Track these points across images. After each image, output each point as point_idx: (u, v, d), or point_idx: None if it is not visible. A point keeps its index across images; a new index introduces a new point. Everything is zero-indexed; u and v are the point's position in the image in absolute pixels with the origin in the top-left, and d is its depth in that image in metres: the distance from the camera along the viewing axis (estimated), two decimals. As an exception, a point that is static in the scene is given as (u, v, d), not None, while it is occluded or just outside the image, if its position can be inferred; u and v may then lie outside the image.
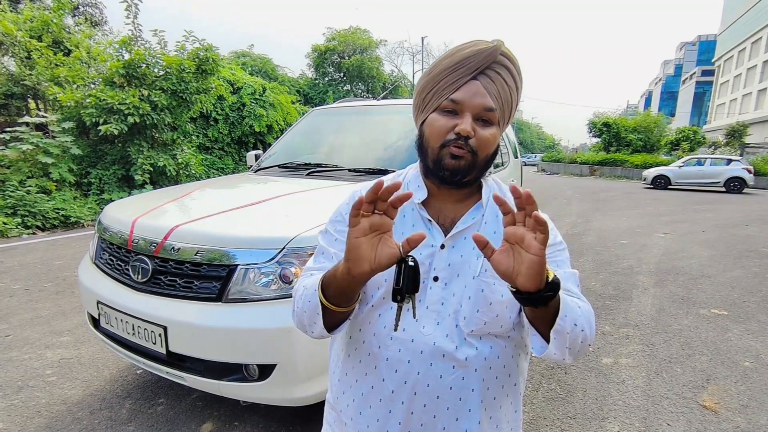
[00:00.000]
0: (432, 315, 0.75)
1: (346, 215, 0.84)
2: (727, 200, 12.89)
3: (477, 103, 0.73)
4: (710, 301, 3.93)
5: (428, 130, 0.77)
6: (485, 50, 0.72)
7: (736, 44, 43.39)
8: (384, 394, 0.78)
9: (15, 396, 2.28)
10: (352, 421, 0.83)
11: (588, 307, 0.76)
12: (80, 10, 15.15)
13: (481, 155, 0.75)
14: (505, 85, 0.75)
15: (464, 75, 0.73)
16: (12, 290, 3.93)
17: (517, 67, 0.76)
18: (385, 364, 0.77)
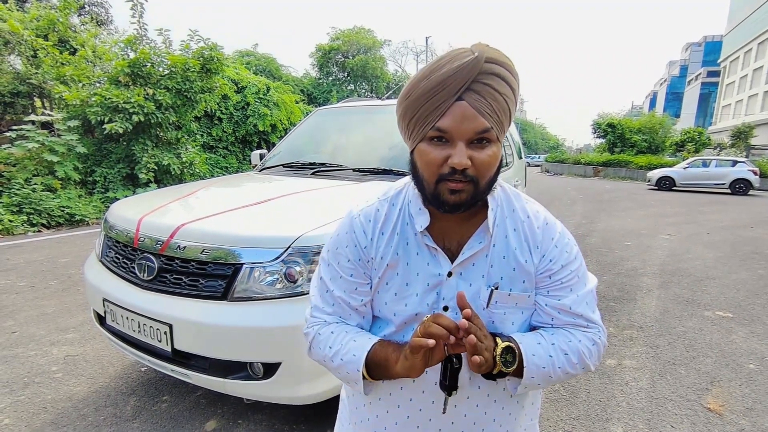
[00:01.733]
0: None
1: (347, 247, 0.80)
2: (733, 202, 12.81)
3: (467, 129, 0.64)
4: (715, 303, 3.91)
5: (420, 163, 0.70)
6: (465, 65, 0.62)
7: (742, 45, 43.11)
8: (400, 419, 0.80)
9: (21, 392, 2.30)
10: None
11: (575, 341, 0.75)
12: (86, 10, 15.23)
13: (483, 181, 0.68)
14: (497, 94, 0.65)
15: (447, 98, 0.64)
16: (18, 287, 3.96)
17: (507, 67, 0.66)
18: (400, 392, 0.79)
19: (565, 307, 0.75)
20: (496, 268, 0.74)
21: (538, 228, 0.76)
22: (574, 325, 0.76)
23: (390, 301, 0.77)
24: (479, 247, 0.74)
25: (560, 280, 0.75)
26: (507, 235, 0.75)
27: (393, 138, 2.98)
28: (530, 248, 0.75)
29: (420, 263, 0.75)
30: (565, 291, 0.75)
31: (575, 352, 0.74)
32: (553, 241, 0.76)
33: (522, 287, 0.75)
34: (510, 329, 0.75)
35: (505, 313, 0.74)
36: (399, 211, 0.78)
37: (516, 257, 0.74)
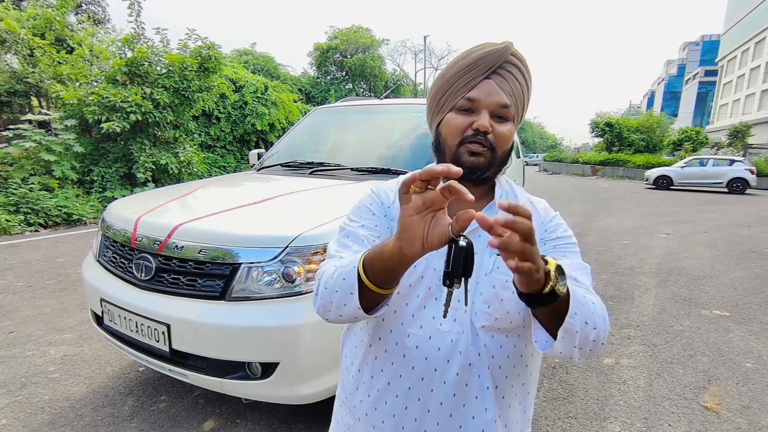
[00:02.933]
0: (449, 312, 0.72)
1: (371, 205, 0.85)
2: (730, 201, 12.86)
3: (492, 101, 0.75)
4: (712, 301, 3.93)
5: (445, 130, 0.79)
6: (496, 51, 0.75)
7: (739, 44, 43.23)
8: (401, 390, 0.78)
9: (19, 392, 2.30)
10: (367, 417, 0.82)
11: (600, 303, 0.73)
12: (83, 8, 15.17)
13: (499, 151, 0.78)
14: (517, 83, 0.77)
15: (478, 75, 0.76)
16: (15, 287, 3.95)
17: (526, 66, 0.79)
18: (402, 360, 0.78)
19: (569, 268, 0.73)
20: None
21: (540, 209, 0.85)
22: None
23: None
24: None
25: (554, 246, 0.79)
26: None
27: (391, 137, 2.98)
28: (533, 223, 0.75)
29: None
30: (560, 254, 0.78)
31: (600, 308, 0.70)
32: (549, 217, 0.84)
33: None
34: (510, 298, 0.74)
35: (507, 280, 0.75)
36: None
37: None
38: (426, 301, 0.78)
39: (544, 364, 2.73)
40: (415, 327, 0.77)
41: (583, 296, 0.67)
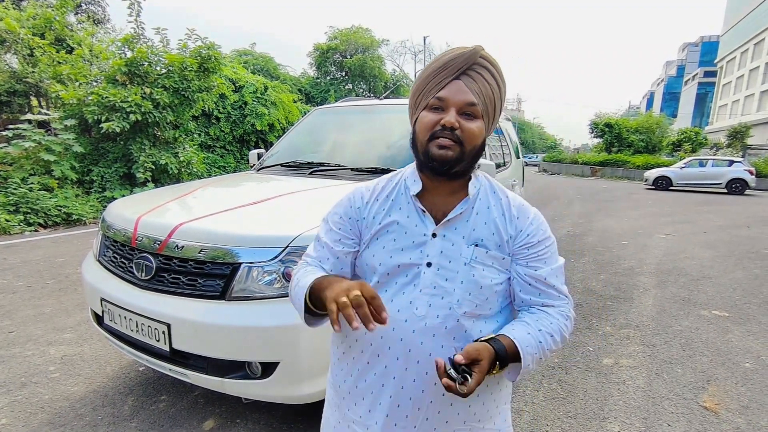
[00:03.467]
0: (424, 298, 0.83)
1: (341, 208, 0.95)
2: (729, 201, 12.87)
3: (460, 99, 0.81)
4: (711, 302, 3.94)
5: (419, 127, 0.85)
6: (465, 53, 0.81)
7: (738, 45, 43.27)
8: (378, 369, 0.86)
9: (18, 392, 2.30)
10: (350, 395, 0.91)
11: (555, 321, 0.86)
12: (83, 8, 15.16)
13: (467, 146, 0.82)
14: (486, 83, 0.82)
15: (448, 76, 0.81)
16: (15, 287, 3.95)
17: (497, 68, 0.84)
18: (380, 342, 0.85)
19: (541, 278, 0.87)
20: (478, 232, 0.86)
21: (515, 207, 0.90)
22: (549, 295, 0.88)
23: (378, 253, 0.88)
24: (460, 212, 0.86)
25: (536, 253, 0.87)
26: (489, 207, 0.88)
27: (391, 137, 2.98)
28: (508, 220, 0.88)
29: (409, 224, 0.87)
30: (540, 263, 0.87)
31: (557, 331, 0.85)
32: (528, 219, 0.89)
33: (499, 249, 0.86)
34: (489, 285, 0.85)
35: (484, 269, 0.84)
36: (395, 183, 0.93)
37: (496, 224, 0.87)
38: (404, 287, 0.85)
39: (543, 364, 2.73)
40: (392, 311, 0.83)
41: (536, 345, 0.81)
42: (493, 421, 0.92)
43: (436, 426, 0.86)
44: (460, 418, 0.87)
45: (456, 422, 0.87)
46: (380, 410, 0.87)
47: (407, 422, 0.86)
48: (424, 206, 0.87)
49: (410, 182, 0.89)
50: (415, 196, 0.88)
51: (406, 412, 0.85)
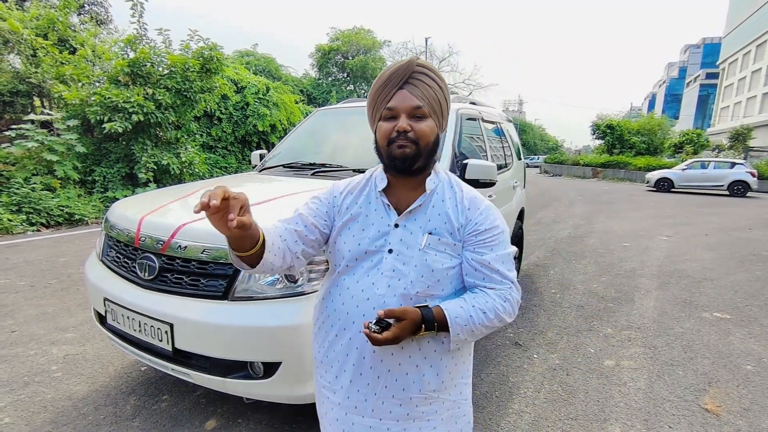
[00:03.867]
0: (385, 279, 0.95)
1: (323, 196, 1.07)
2: (731, 203, 12.85)
3: (407, 105, 0.93)
4: (713, 304, 3.93)
5: (378, 135, 0.98)
6: (403, 66, 0.94)
7: (741, 47, 43.20)
8: (344, 341, 0.98)
9: (21, 391, 2.31)
10: (322, 363, 1.05)
11: (491, 300, 0.95)
12: (86, 9, 15.20)
13: (422, 144, 0.94)
14: (427, 86, 0.94)
15: (393, 87, 0.94)
16: (17, 287, 3.96)
17: (433, 71, 0.97)
18: (346, 317, 0.97)
19: (485, 262, 0.96)
20: (432, 222, 0.98)
21: (467, 199, 1.01)
22: (492, 279, 0.97)
23: (348, 240, 1.00)
24: (419, 204, 0.98)
25: (483, 240, 0.97)
26: (444, 200, 1.00)
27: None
28: (460, 211, 1.00)
29: (376, 216, 1.00)
30: (487, 249, 0.97)
31: (491, 309, 0.94)
32: (479, 210, 1.00)
33: (451, 237, 0.98)
34: (441, 269, 0.96)
35: (436, 255, 0.96)
36: (367, 180, 1.06)
37: (449, 215, 0.98)
38: (369, 271, 0.97)
39: (544, 366, 2.73)
40: (357, 290, 0.97)
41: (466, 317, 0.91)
42: (449, 393, 1.01)
43: (394, 393, 0.96)
44: (415, 386, 0.96)
45: (412, 390, 0.96)
46: (345, 377, 0.98)
47: (368, 389, 0.96)
48: (390, 201, 1.00)
49: (378, 180, 1.02)
50: (382, 191, 1.01)
51: (367, 380, 0.96)
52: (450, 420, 1.02)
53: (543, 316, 3.58)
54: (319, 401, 1.08)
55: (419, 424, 0.98)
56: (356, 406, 0.97)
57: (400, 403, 0.96)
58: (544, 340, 3.12)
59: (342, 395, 0.99)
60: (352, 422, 0.98)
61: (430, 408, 0.98)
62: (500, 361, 2.78)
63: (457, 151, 2.67)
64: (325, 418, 1.04)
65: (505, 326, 3.33)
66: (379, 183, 1.01)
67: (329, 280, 1.05)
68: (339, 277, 1.00)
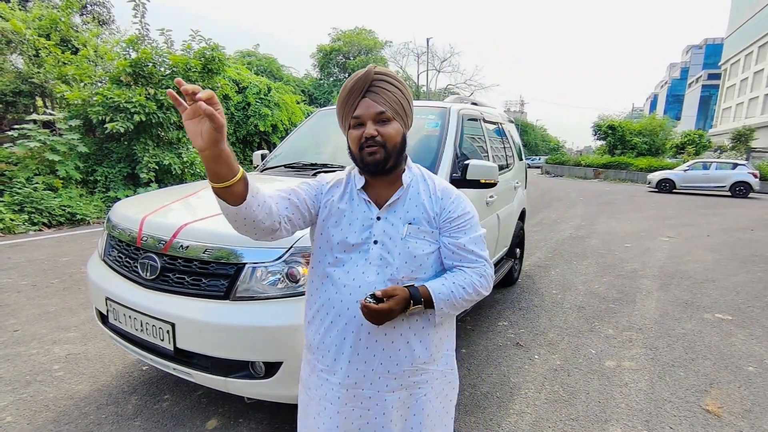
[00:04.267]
0: (373, 268, 1.04)
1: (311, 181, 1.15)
2: (733, 204, 12.83)
3: (371, 112, 1.01)
4: (714, 305, 3.93)
5: (350, 141, 1.07)
6: (362, 76, 1.02)
7: (743, 48, 43.12)
8: (340, 326, 1.06)
9: (23, 390, 2.31)
10: (318, 349, 1.10)
11: (468, 277, 1.06)
12: (88, 9, 15.24)
13: (389, 145, 1.03)
14: (388, 92, 1.02)
15: (356, 97, 1.02)
16: (19, 286, 3.98)
17: (392, 76, 1.05)
18: (340, 305, 1.05)
19: (461, 245, 1.07)
20: (411, 213, 1.08)
21: (439, 190, 1.12)
22: (468, 259, 1.08)
23: (336, 233, 1.08)
24: (396, 198, 1.08)
25: (457, 225, 1.08)
26: (419, 192, 1.10)
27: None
28: (434, 201, 1.10)
29: (358, 211, 1.08)
30: (461, 233, 1.08)
31: (469, 284, 1.06)
32: (450, 198, 1.11)
33: (428, 225, 1.08)
34: (421, 255, 1.06)
35: (417, 242, 1.06)
36: (348, 177, 1.15)
37: (425, 205, 1.09)
38: (358, 261, 1.05)
39: (545, 367, 2.73)
40: (349, 280, 1.05)
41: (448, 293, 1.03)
42: (437, 364, 1.13)
43: (389, 368, 1.06)
44: (407, 360, 1.07)
45: (404, 364, 1.07)
46: (343, 359, 1.06)
47: (366, 366, 1.05)
48: (370, 197, 1.09)
49: (357, 179, 1.11)
50: (362, 188, 1.10)
51: (364, 359, 1.05)
52: (438, 387, 1.14)
53: (544, 316, 3.57)
54: (315, 385, 1.12)
55: (412, 391, 1.09)
56: (356, 382, 1.06)
57: (394, 376, 1.06)
58: (545, 340, 3.12)
59: (342, 375, 1.06)
60: (353, 395, 1.07)
61: (421, 378, 1.10)
62: (501, 362, 2.78)
63: (458, 151, 2.67)
64: (324, 399, 1.09)
65: (505, 326, 3.33)
66: (358, 182, 1.10)
67: (317, 273, 1.11)
68: (329, 268, 1.07)
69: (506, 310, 3.71)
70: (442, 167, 2.44)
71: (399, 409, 1.08)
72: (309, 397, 1.14)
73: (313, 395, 1.12)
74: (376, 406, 1.07)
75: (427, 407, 1.11)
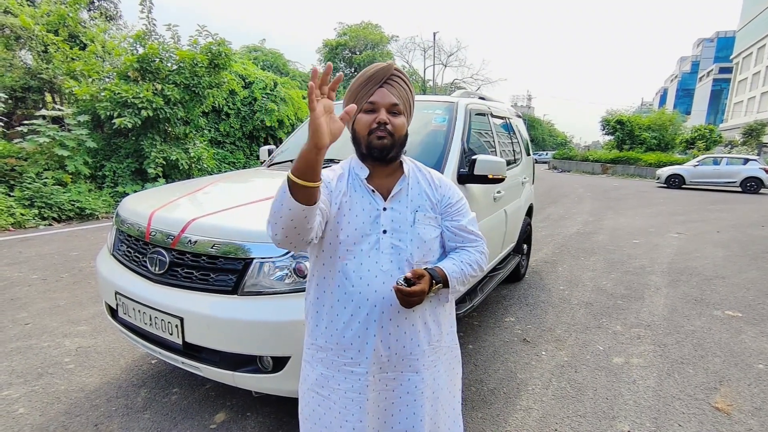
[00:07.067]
0: (386, 256, 1.08)
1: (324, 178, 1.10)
2: (743, 200, 12.66)
3: (387, 101, 1.08)
4: (724, 302, 3.88)
5: (358, 126, 1.10)
6: (384, 68, 1.09)
7: (755, 41, 42.37)
8: (361, 317, 1.07)
9: (35, 382, 2.35)
10: (338, 345, 1.10)
11: (472, 255, 1.16)
12: (95, 5, 15.31)
13: (397, 136, 1.09)
14: (402, 89, 1.10)
15: (374, 85, 1.08)
16: (30, 280, 4.03)
17: (405, 77, 1.13)
18: (359, 296, 1.07)
19: (463, 227, 1.17)
20: (415, 201, 1.14)
21: (436, 179, 1.21)
22: (469, 239, 1.18)
23: (344, 226, 1.09)
24: (400, 188, 1.13)
25: (456, 210, 1.18)
26: (419, 181, 1.18)
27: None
28: (434, 188, 1.18)
29: (364, 202, 1.11)
30: (461, 216, 1.18)
31: (474, 262, 1.16)
32: (447, 186, 1.21)
33: (432, 211, 1.16)
34: (430, 239, 1.13)
35: (425, 227, 1.13)
36: (347, 169, 1.17)
37: (426, 193, 1.17)
38: (369, 252, 1.07)
39: (552, 363, 2.72)
40: (364, 271, 1.07)
41: (459, 271, 1.11)
42: (445, 340, 1.21)
43: (411, 350, 1.12)
44: (425, 339, 1.13)
45: (423, 343, 1.13)
46: (368, 348, 1.08)
47: (390, 352, 1.10)
48: (373, 186, 1.12)
49: (358, 170, 1.14)
50: (365, 179, 1.12)
51: (388, 344, 1.09)
52: (447, 363, 1.22)
53: (551, 312, 3.56)
54: (335, 381, 1.10)
55: (429, 370, 1.15)
56: (380, 366, 1.11)
57: (417, 357, 1.12)
58: (552, 336, 3.10)
59: (368, 364, 1.09)
60: (379, 379, 1.11)
61: (435, 356, 1.17)
62: (508, 358, 2.77)
63: (466, 146, 2.65)
64: (351, 391, 1.09)
65: (512, 322, 3.32)
66: (360, 172, 1.13)
67: (328, 270, 1.10)
68: (341, 262, 1.08)
69: (513, 305, 3.70)
70: (450, 162, 2.43)
71: (422, 389, 1.13)
72: (322, 396, 1.12)
73: (331, 393, 1.10)
74: (400, 386, 1.12)
75: (440, 381, 1.19)
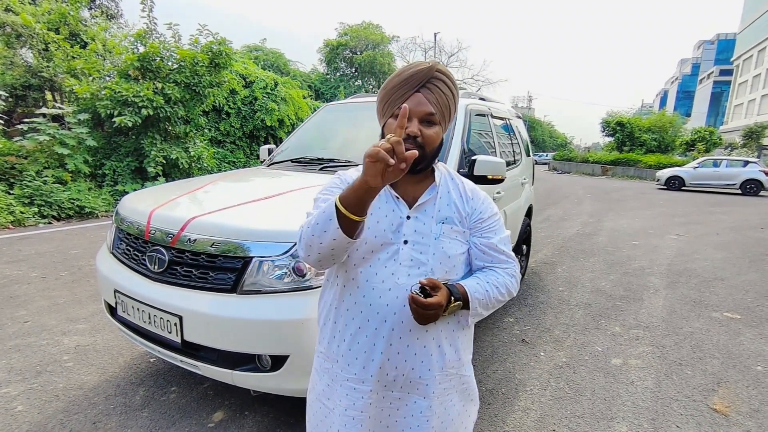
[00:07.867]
0: (404, 269, 0.98)
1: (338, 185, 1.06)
2: (743, 202, 12.66)
3: (420, 110, 0.95)
4: (723, 304, 3.89)
5: (386, 132, 0.99)
6: (423, 69, 0.96)
7: (756, 43, 42.38)
8: (369, 332, 1.00)
9: (34, 380, 2.35)
10: (343, 357, 1.03)
11: (501, 277, 1.04)
12: (96, 3, 15.30)
13: (428, 149, 0.98)
14: (442, 94, 0.97)
15: (409, 89, 0.96)
16: (30, 278, 4.03)
17: (451, 78, 1.00)
18: (369, 308, 0.99)
19: (493, 245, 1.06)
20: (443, 212, 1.03)
21: (469, 190, 1.09)
22: (499, 260, 1.06)
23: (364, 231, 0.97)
24: (429, 197, 1.03)
25: (488, 226, 1.07)
26: (449, 191, 1.06)
27: (401, 134, 2.97)
28: (465, 201, 1.07)
29: (387, 209, 1.02)
30: (492, 234, 1.06)
31: (502, 285, 1.04)
32: (480, 199, 1.09)
33: (460, 225, 1.05)
34: (455, 255, 1.02)
35: (450, 242, 1.02)
36: None
37: (456, 205, 1.05)
38: (386, 262, 0.99)
39: (551, 364, 2.73)
40: (377, 282, 0.98)
41: (483, 292, 1.00)
42: (464, 369, 1.10)
43: (421, 374, 1.02)
44: (437, 365, 1.03)
45: (435, 368, 1.02)
46: (374, 365, 1.00)
47: (397, 372, 1.01)
48: (398, 193, 1.03)
49: None
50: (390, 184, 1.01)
51: (395, 364, 1.00)
52: (463, 394, 1.11)
53: (550, 313, 3.56)
54: (338, 396, 1.05)
55: (440, 398, 1.05)
56: (386, 385, 1.02)
57: (426, 382, 1.02)
58: (551, 337, 3.11)
59: (372, 382, 1.01)
60: (383, 396, 1.03)
61: (449, 384, 1.06)
62: (507, 359, 2.77)
63: (465, 147, 2.66)
64: (352, 408, 1.02)
65: (511, 322, 3.32)
66: None
67: (341, 276, 1.04)
68: (355, 269, 1.00)
69: (512, 306, 3.70)
70: (449, 163, 2.43)
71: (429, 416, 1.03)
72: (328, 408, 1.07)
73: (335, 407, 1.05)
74: (405, 406, 1.03)
75: (452, 412, 1.08)
